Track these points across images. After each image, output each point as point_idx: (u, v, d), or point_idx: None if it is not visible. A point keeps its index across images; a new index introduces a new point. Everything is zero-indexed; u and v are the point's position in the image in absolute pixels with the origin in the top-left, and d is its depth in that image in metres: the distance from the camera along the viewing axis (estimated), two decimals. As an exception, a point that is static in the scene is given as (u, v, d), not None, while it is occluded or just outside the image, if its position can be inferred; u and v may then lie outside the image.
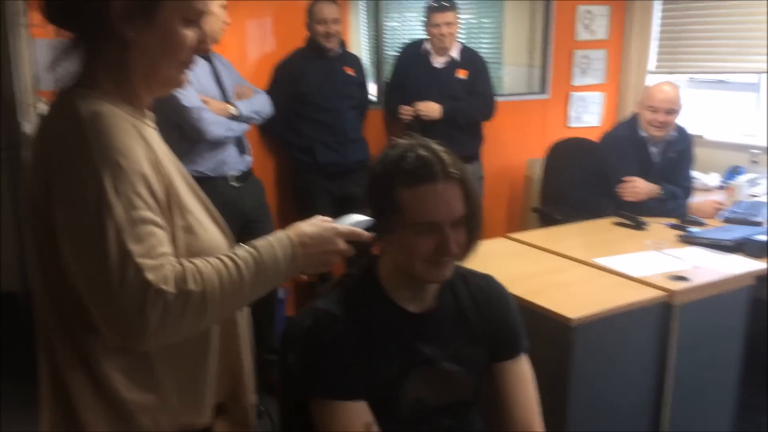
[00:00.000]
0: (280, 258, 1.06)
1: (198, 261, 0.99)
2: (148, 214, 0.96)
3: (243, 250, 1.05)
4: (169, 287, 0.93)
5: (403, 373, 1.31)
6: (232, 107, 2.78)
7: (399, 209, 1.24)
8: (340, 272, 1.46)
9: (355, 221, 1.20)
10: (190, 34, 1.04)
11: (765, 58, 3.82)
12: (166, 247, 0.97)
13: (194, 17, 1.04)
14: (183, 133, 2.67)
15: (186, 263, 0.98)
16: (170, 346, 1.03)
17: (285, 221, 3.73)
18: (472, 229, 1.30)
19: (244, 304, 1.08)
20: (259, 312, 2.63)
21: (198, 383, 1.12)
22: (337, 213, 1.25)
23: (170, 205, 1.03)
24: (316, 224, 1.14)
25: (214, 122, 2.68)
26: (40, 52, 2.86)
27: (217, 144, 2.76)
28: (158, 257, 0.94)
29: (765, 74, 3.97)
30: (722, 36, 4.01)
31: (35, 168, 1.00)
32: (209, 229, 1.11)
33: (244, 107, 2.83)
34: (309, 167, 3.35)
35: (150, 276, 0.92)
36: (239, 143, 2.87)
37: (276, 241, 1.08)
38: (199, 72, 2.74)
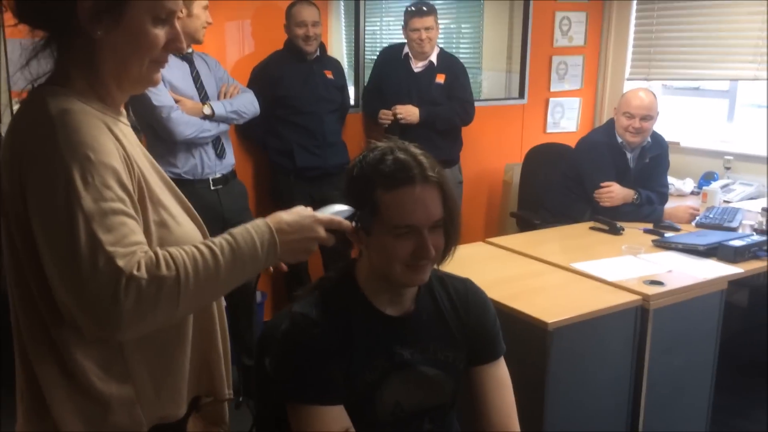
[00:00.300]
0: (257, 245, 1.04)
1: (172, 248, 0.99)
2: (119, 205, 0.95)
3: (219, 238, 1.03)
4: (142, 273, 0.92)
5: (382, 377, 1.30)
6: (205, 107, 2.74)
7: (377, 212, 1.24)
8: (319, 276, 1.46)
9: (335, 210, 1.19)
10: (160, 33, 1.04)
11: (738, 65, 3.89)
12: (139, 236, 0.97)
13: (165, 16, 1.04)
14: (157, 134, 2.65)
15: (159, 251, 0.97)
16: (144, 338, 1.03)
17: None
18: (451, 233, 1.30)
19: (222, 291, 1.05)
20: (237, 316, 2.61)
21: (173, 375, 1.12)
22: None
23: (142, 200, 1.03)
24: (295, 212, 1.13)
25: (185, 122, 2.65)
26: (14, 53, 2.82)
27: (193, 146, 2.73)
28: (130, 246, 0.94)
29: (738, 81, 4.05)
30: (696, 44, 4.08)
31: (7, 164, 1.00)
32: (184, 224, 1.11)
33: (221, 107, 2.79)
34: (288, 170, 3.34)
35: (121, 263, 0.91)
36: (217, 145, 2.84)
37: (253, 227, 1.06)
38: (176, 72, 2.72)
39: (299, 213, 1.13)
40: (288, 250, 1.09)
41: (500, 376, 1.41)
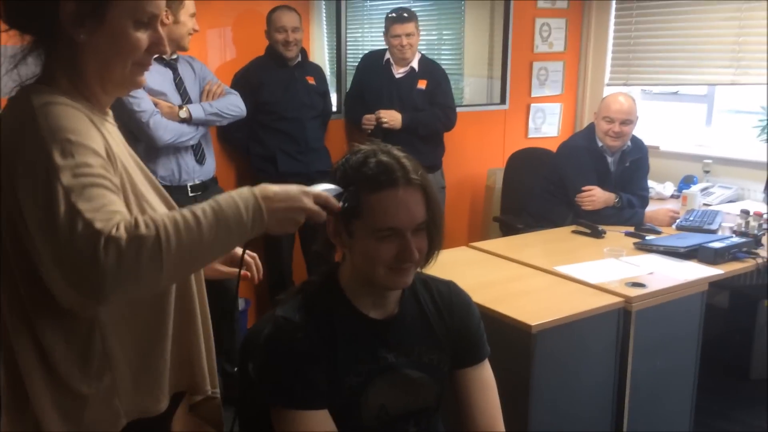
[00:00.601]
0: (242, 210, 1.00)
1: (150, 212, 0.99)
2: (99, 180, 0.95)
3: (202, 204, 1.00)
4: (120, 233, 0.91)
5: (366, 380, 1.29)
6: (182, 110, 2.71)
7: (360, 215, 1.23)
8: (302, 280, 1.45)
9: (323, 188, 1.16)
10: (142, 36, 1.06)
11: (715, 70, 3.95)
12: (119, 207, 0.96)
13: (147, 20, 1.06)
14: (136, 140, 2.63)
15: (138, 214, 0.96)
16: (124, 330, 1.04)
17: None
18: (434, 236, 1.30)
19: (208, 255, 1.02)
20: (219, 323, 2.58)
21: (153, 369, 1.12)
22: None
23: (125, 191, 1.04)
24: (283, 184, 1.10)
25: (164, 127, 2.63)
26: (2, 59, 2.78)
27: (171, 150, 2.71)
28: (109, 213, 0.93)
29: (715, 87, 4.11)
30: (674, 49, 4.13)
31: None
32: (152, 196, 1.12)
33: (198, 110, 2.75)
34: (270, 176, 3.32)
35: (99, 225, 0.90)
36: (197, 151, 2.82)
37: (237, 193, 1.03)
38: (157, 78, 2.70)
39: (287, 185, 1.10)
40: (275, 219, 1.04)
41: (485, 378, 1.41)
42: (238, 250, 1.32)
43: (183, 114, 2.71)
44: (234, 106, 2.92)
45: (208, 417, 1.27)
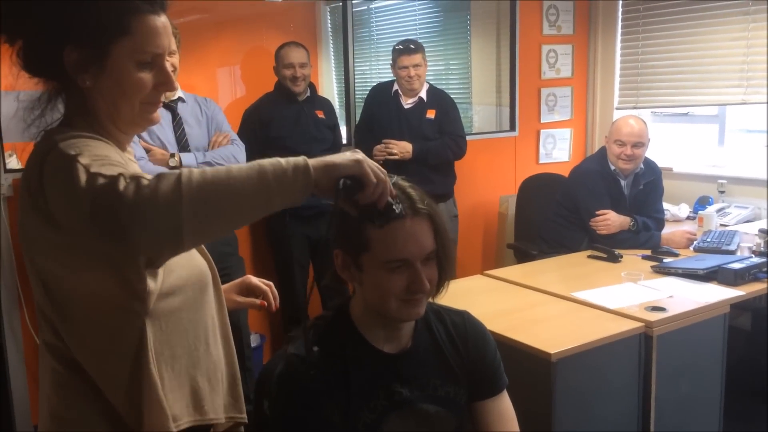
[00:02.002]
0: (282, 162, 0.97)
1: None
2: (117, 165, 0.97)
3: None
4: (142, 178, 0.92)
5: (381, 416, 1.26)
6: (171, 159, 2.67)
7: (369, 248, 1.22)
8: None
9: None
10: (146, 76, 1.08)
11: (724, 90, 3.93)
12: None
13: (149, 60, 1.08)
14: None
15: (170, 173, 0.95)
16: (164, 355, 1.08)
17: (260, 268, 3.67)
18: (444, 264, 1.28)
19: (243, 204, 0.96)
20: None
21: (184, 388, 1.13)
22: (313, 257, 1.25)
23: None
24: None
25: (147, 173, 2.60)
26: (6, 105, 2.83)
27: None
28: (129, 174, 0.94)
29: (726, 106, 4.08)
30: (682, 71, 4.13)
31: (21, 196, 1.06)
32: (191, 254, 1.15)
33: (191, 159, 2.71)
34: (282, 211, 3.30)
35: (122, 184, 0.91)
36: None
37: (278, 158, 1.00)
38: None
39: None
40: (322, 170, 1.01)
41: (504, 410, 1.38)
42: (254, 280, 1.33)
43: (172, 163, 2.67)
44: (232, 157, 2.87)
45: None
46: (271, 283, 1.42)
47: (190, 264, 1.15)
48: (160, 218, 0.91)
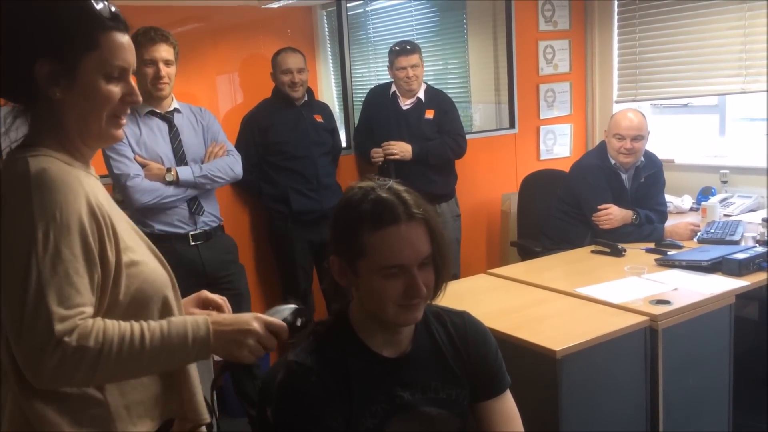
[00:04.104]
0: (188, 336, 1.10)
1: (110, 322, 1.07)
2: (73, 265, 1.05)
3: (156, 322, 1.10)
4: (71, 340, 1.02)
5: (383, 421, 1.26)
6: (168, 173, 2.66)
7: (364, 253, 1.21)
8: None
9: (280, 309, 1.22)
10: (114, 89, 1.14)
11: (724, 80, 3.92)
12: (84, 298, 1.06)
13: (117, 74, 1.14)
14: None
15: (97, 321, 1.06)
16: None
17: (264, 274, 3.66)
18: (440, 268, 1.27)
19: (148, 370, 1.14)
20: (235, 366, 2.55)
21: (143, 395, 1.19)
22: (315, 261, 1.28)
23: (116, 246, 1.12)
24: (237, 314, 1.20)
25: (142, 190, 2.59)
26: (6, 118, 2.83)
27: (159, 208, 2.67)
28: (73, 308, 1.03)
29: (726, 96, 4.07)
30: (680, 62, 4.11)
31: None
32: (150, 264, 1.20)
33: (188, 172, 2.70)
34: (284, 216, 3.33)
35: (58, 326, 1.01)
36: (192, 204, 2.78)
37: (192, 320, 1.13)
38: (151, 133, 2.69)
39: (241, 313, 1.20)
40: (222, 343, 1.13)
41: (507, 409, 1.37)
42: (205, 293, 1.38)
43: (169, 178, 2.66)
44: (228, 168, 2.86)
45: None
46: (225, 298, 1.39)
47: (152, 273, 1.20)
48: (71, 384, 1.08)
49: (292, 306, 1.23)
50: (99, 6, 1.11)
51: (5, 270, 1.04)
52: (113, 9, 1.14)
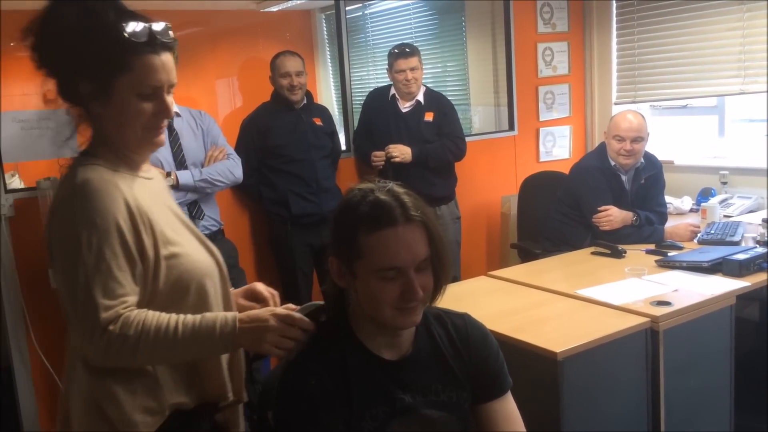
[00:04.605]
0: (216, 330, 1.24)
1: (151, 314, 1.23)
2: (113, 262, 1.21)
3: (192, 316, 1.25)
4: (115, 328, 1.19)
5: (384, 423, 1.26)
6: (168, 177, 2.67)
7: (362, 255, 1.21)
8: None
9: (306, 306, 1.31)
10: (146, 106, 1.28)
11: (723, 81, 3.92)
12: (126, 289, 1.22)
13: (150, 92, 1.27)
14: None
15: (140, 313, 1.22)
16: None
17: (264, 277, 3.67)
18: (439, 271, 1.27)
19: (182, 357, 1.29)
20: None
21: (187, 370, 1.35)
22: (315, 264, 1.32)
23: (154, 241, 1.27)
24: (268, 309, 1.33)
25: None
26: (5, 126, 2.84)
27: None
28: (116, 298, 1.20)
29: (725, 97, 4.07)
30: (679, 63, 4.12)
31: (47, 221, 1.30)
32: (192, 255, 1.34)
33: (188, 177, 2.70)
34: (284, 219, 3.33)
35: (103, 315, 1.19)
36: (192, 208, 2.77)
37: (221, 316, 1.26)
38: None
39: (264, 308, 1.33)
40: (244, 338, 1.26)
41: (509, 410, 1.37)
42: (257, 285, 1.50)
43: (169, 182, 2.67)
44: (228, 172, 2.86)
45: (229, 421, 1.45)
46: (275, 293, 1.49)
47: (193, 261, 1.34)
48: (117, 363, 1.25)
49: (318, 303, 1.32)
50: (135, 30, 1.23)
51: (60, 270, 1.23)
52: (155, 29, 1.26)
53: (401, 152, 3.46)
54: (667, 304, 2.22)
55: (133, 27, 1.23)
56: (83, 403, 1.31)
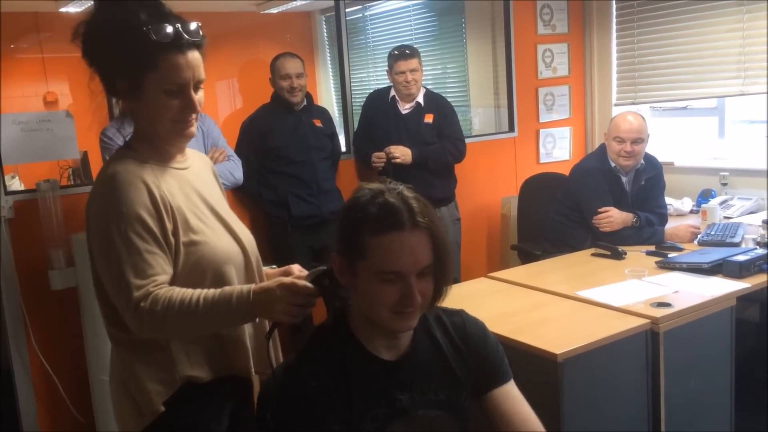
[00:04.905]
0: (233, 301, 1.31)
1: (177, 290, 1.32)
2: (142, 245, 1.32)
3: (213, 290, 1.33)
4: (146, 305, 1.30)
5: (383, 425, 1.26)
6: None
7: (365, 255, 1.21)
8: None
9: (312, 271, 1.33)
10: (173, 102, 1.37)
11: (723, 82, 3.92)
12: (156, 269, 1.33)
13: (175, 89, 1.36)
14: None
15: (167, 290, 1.32)
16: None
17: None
18: (440, 279, 1.26)
19: (203, 329, 1.39)
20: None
21: (201, 347, 1.45)
22: (316, 266, 1.32)
23: (175, 228, 1.38)
24: (276, 279, 1.36)
25: None
26: (4, 128, 2.84)
27: None
28: (147, 278, 1.31)
29: (725, 98, 4.07)
30: (680, 64, 4.12)
31: (86, 210, 1.42)
32: (212, 243, 1.43)
33: None
34: (284, 221, 3.33)
35: (135, 293, 1.30)
36: None
37: (238, 288, 1.34)
38: None
39: (276, 279, 1.36)
40: (260, 307, 1.32)
41: (514, 393, 1.37)
42: (292, 267, 1.54)
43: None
44: (229, 174, 2.87)
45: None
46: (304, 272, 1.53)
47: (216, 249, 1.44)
48: (151, 335, 1.38)
49: (322, 268, 1.33)
50: (160, 31, 1.32)
51: (98, 256, 1.37)
52: (182, 28, 1.35)
53: (402, 153, 3.46)
54: (668, 305, 2.22)
55: (159, 28, 1.32)
56: (116, 384, 1.48)
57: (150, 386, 1.41)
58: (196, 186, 1.49)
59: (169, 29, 1.33)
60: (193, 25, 1.38)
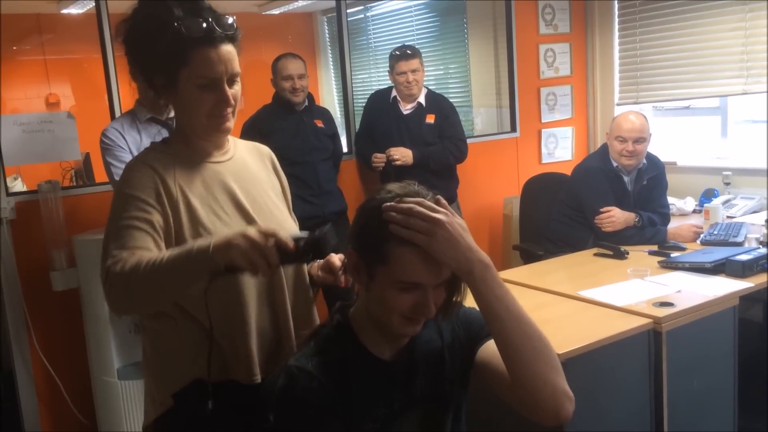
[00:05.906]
0: (193, 246, 1.26)
1: (147, 253, 1.30)
2: (131, 222, 1.34)
3: (178, 247, 1.30)
4: (115, 269, 1.28)
5: (385, 425, 1.25)
6: None
7: (386, 262, 1.18)
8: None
9: (294, 234, 1.29)
10: (207, 96, 1.37)
11: (725, 81, 3.91)
12: (139, 242, 1.33)
13: (208, 83, 1.36)
14: None
15: (138, 254, 1.30)
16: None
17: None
18: (452, 290, 1.26)
19: (169, 286, 1.29)
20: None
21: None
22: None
23: (179, 218, 1.38)
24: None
25: None
26: (6, 129, 2.85)
27: None
28: (128, 249, 1.31)
29: (727, 97, 4.06)
30: (682, 64, 4.11)
31: None
32: (228, 224, 1.42)
33: None
34: (286, 222, 3.32)
35: (110, 261, 1.30)
36: None
37: (201, 239, 1.29)
38: (148, 139, 2.70)
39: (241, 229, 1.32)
40: (219, 248, 1.23)
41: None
42: (333, 257, 1.53)
43: None
44: None
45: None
46: (342, 259, 1.52)
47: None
48: (122, 297, 1.33)
49: (304, 234, 1.30)
50: (191, 26, 1.33)
51: None
52: (215, 22, 1.35)
53: (402, 155, 3.46)
54: (670, 305, 2.21)
55: (191, 23, 1.33)
56: (142, 369, 1.55)
57: (158, 382, 1.45)
58: (228, 180, 1.47)
59: (201, 24, 1.34)
60: (228, 19, 1.39)
